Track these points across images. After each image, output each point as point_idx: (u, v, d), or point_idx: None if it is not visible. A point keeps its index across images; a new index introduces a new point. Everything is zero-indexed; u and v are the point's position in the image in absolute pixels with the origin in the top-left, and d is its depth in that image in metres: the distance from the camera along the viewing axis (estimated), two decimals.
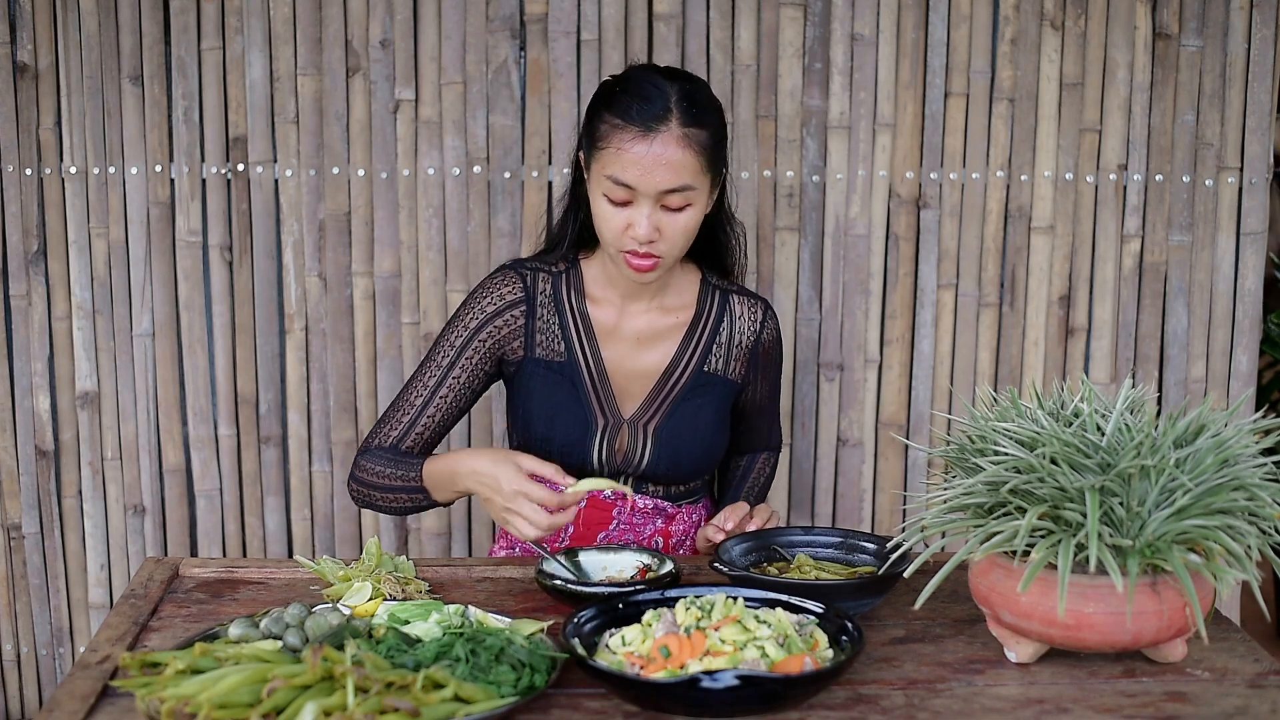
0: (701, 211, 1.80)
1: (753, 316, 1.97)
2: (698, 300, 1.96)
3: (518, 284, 1.91)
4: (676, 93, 1.75)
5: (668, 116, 1.73)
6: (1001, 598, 1.41)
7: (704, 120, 1.76)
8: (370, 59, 2.45)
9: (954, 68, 2.46)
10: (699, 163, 1.75)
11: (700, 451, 1.93)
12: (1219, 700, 1.36)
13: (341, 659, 1.29)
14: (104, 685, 1.36)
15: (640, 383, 1.93)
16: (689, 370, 1.93)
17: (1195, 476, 1.35)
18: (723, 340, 1.95)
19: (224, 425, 2.54)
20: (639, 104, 1.74)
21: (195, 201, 2.48)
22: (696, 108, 1.76)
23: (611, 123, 1.75)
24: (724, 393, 1.96)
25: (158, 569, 1.75)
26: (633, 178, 1.73)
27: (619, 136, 1.74)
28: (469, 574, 1.76)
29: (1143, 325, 2.53)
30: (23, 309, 2.50)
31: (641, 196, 1.75)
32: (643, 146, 1.73)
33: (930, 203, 2.50)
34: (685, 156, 1.73)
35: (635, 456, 1.91)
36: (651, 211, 1.75)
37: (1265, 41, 2.43)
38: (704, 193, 1.79)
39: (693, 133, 1.74)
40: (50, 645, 2.62)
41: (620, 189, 1.75)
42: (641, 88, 1.76)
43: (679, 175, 1.73)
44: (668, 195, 1.75)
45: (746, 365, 1.98)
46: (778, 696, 1.29)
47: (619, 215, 1.77)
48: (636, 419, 1.92)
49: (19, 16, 2.42)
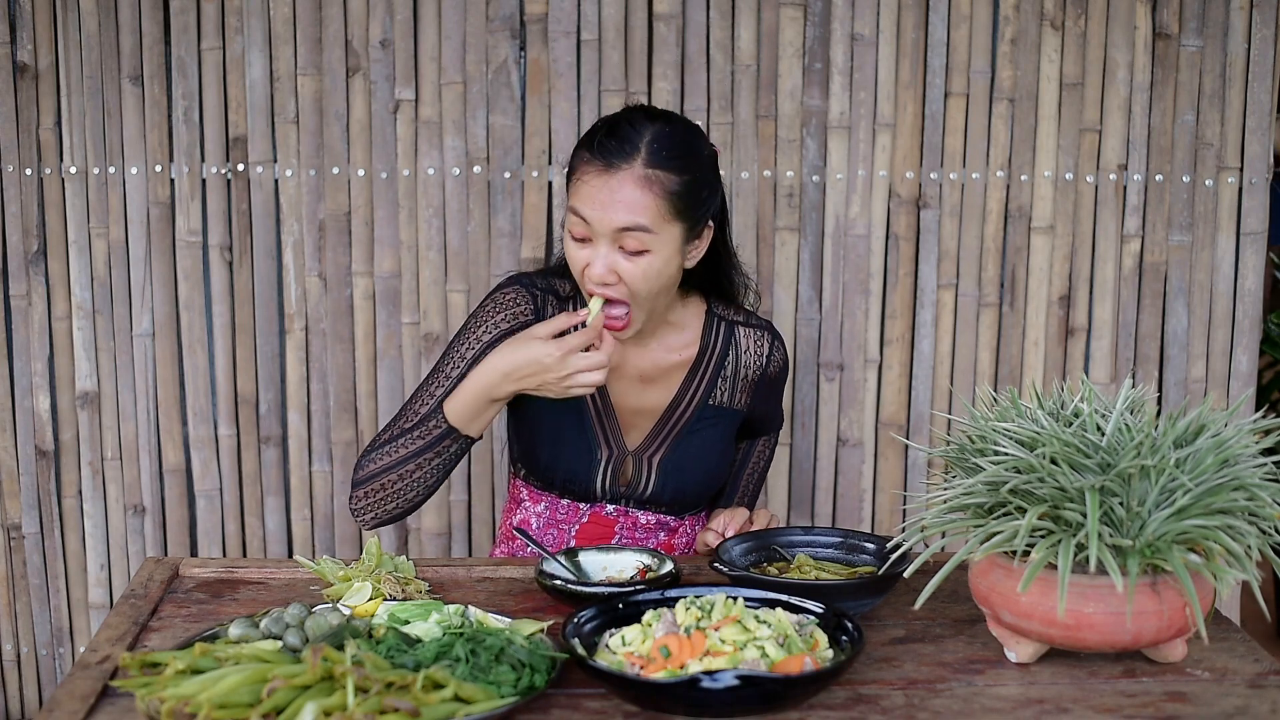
0: (665, 262, 1.72)
1: (759, 350, 1.93)
2: (702, 335, 1.91)
3: (529, 304, 1.85)
4: (651, 133, 1.70)
5: (634, 155, 1.68)
6: (1001, 598, 1.41)
7: (674, 164, 1.69)
8: (370, 59, 2.45)
9: (954, 68, 2.46)
10: (660, 206, 1.68)
11: (705, 479, 1.92)
12: (1219, 700, 1.36)
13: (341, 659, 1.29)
14: (104, 685, 1.36)
15: (645, 417, 1.91)
16: (694, 405, 1.91)
17: (1195, 476, 1.35)
18: (728, 374, 1.92)
19: (224, 425, 2.54)
20: (610, 140, 1.70)
21: (195, 201, 2.48)
22: (667, 150, 1.69)
23: (582, 156, 1.72)
24: (729, 422, 1.94)
25: (158, 569, 1.75)
26: (588, 212, 1.69)
27: (585, 170, 1.71)
28: (469, 574, 1.76)
29: (1143, 325, 2.53)
30: (23, 309, 2.50)
31: (598, 235, 1.69)
32: (601, 180, 1.68)
33: (930, 203, 2.50)
34: (643, 198, 1.67)
35: (639, 486, 1.90)
36: (608, 251, 1.70)
37: (1265, 41, 2.43)
38: (669, 241, 1.71)
39: (657, 175, 1.68)
40: (50, 645, 2.62)
41: (578, 223, 1.70)
42: (619, 125, 1.71)
43: (633, 214, 1.67)
44: (623, 235, 1.68)
45: (752, 395, 1.95)
46: (778, 696, 1.29)
47: (581, 253, 1.72)
48: (641, 451, 1.90)
49: (19, 16, 2.42)
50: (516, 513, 1.97)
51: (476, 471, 2.57)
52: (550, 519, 1.94)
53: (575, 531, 1.93)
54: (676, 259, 1.74)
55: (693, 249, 1.78)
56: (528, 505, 1.95)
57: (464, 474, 2.57)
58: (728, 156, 2.47)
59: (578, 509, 1.92)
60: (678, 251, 1.74)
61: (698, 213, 1.74)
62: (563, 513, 1.93)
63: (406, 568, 1.72)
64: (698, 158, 1.74)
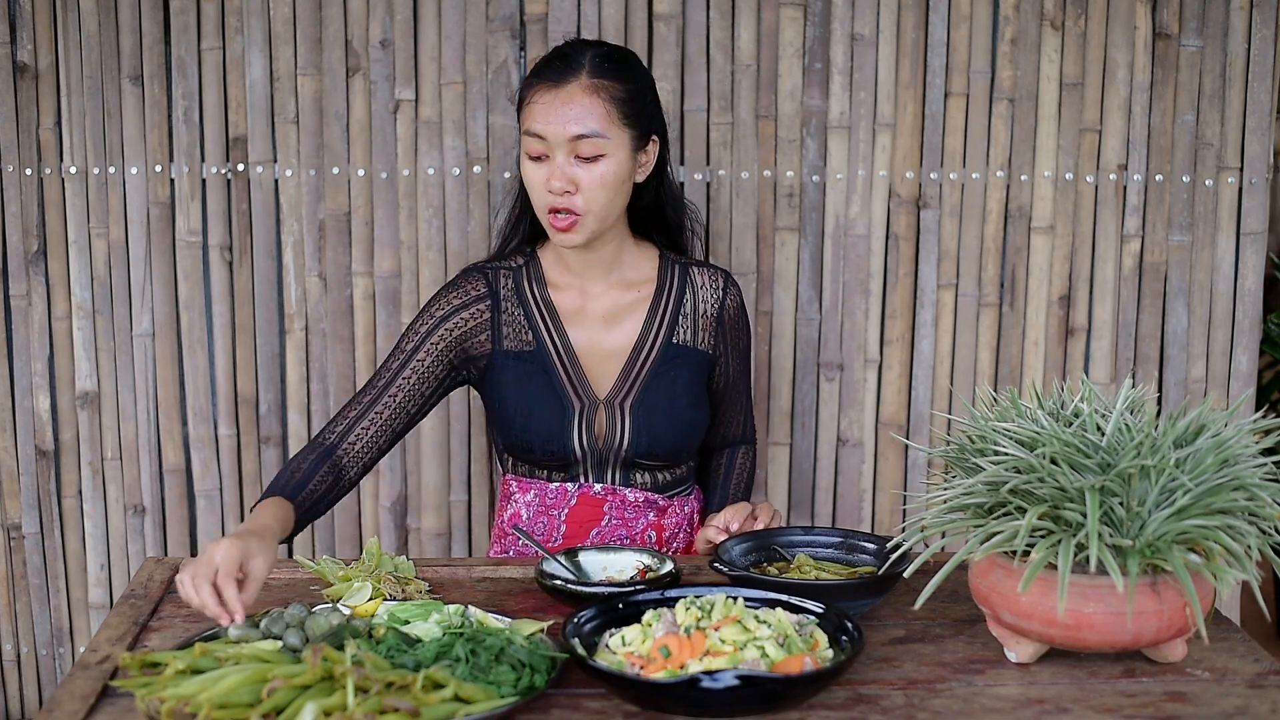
0: (620, 166, 1.83)
1: (714, 285, 2.00)
2: (658, 274, 1.99)
3: (480, 281, 1.96)
4: (592, 51, 1.84)
5: (578, 69, 1.82)
6: (1001, 598, 1.41)
7: (616, 74, 1.83)
8: (370, 59, 2.45)
9: (954, 68, 2.46)
10: (609, 111, 1.81)
11: (680, 428, 1.94)
12: (1219, 700, 1.36)
13: (341, 659, 1.29)
14: (104, 685, 1.36)
15: (611, 362, 1.95)
16: (657, 344, 1.96)
17: (1195, 476, 1.35)
18: (687, 311, 1.98)
19: (224, 425, 2.54)
20: (554, 61, 1.84)
21: (195, 201, 2.48)
22: (610, 63, 1.83)
23: (529, 84, 1.85)
24: (696, 364, 1.97)
25: (158, 569, 1.75)
26: (541, 126, 1.80)
27: (533, 93, 1.83)
28: (469, 574, 1.76)
29: (1143, 325, 2.53)
30: (23, 309, 2.50)
31: (554, 146, 1.81)
32: (550, 94, 1.81)
33: (930, 203, 2.50)
34: (593, 103, 1.80)
35: (615, 438, 1.92)
36: (565, 160, 1.81)
37: (1265, 41, 2.43)
38: (620, 146, 1.83)
39: (603, 84, 1.81)
40: (50, 645, 2.62)
41: (534, 141, 1.82)
42: (562, 50, 1.86)
43: (584, 123, 1.79)
44: (577, 142, 1.80)
45: (715, 336, 2.00)
46: (778, 696, 1.29)
47: (539, 171, 1.83)
48: (611, 399, 1.93)
49: (19, 16, 2.42)
50: (508, 508, 1.99)
51: (476, 471, 2.57)
52: (540, 506, 1.96)
53: (565, 516, 1.93)
54: (629, 165, 1.86)
55: (642, 159, 1.89)
56: (518, 498, 1.97)
57: (464, 474, 2.57)
58: (728, 156, 2.47)
59: (565, 491, 1.93)
60: (629, 158, 1.85)
61: (643, 121, 1.87)
62: (551, 497, 1.94)
63: (406, 568, 1.72)
64: (638, 70, 1.89)
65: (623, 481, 1.95)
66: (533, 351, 1.93)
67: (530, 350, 1.93)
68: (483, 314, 1.94)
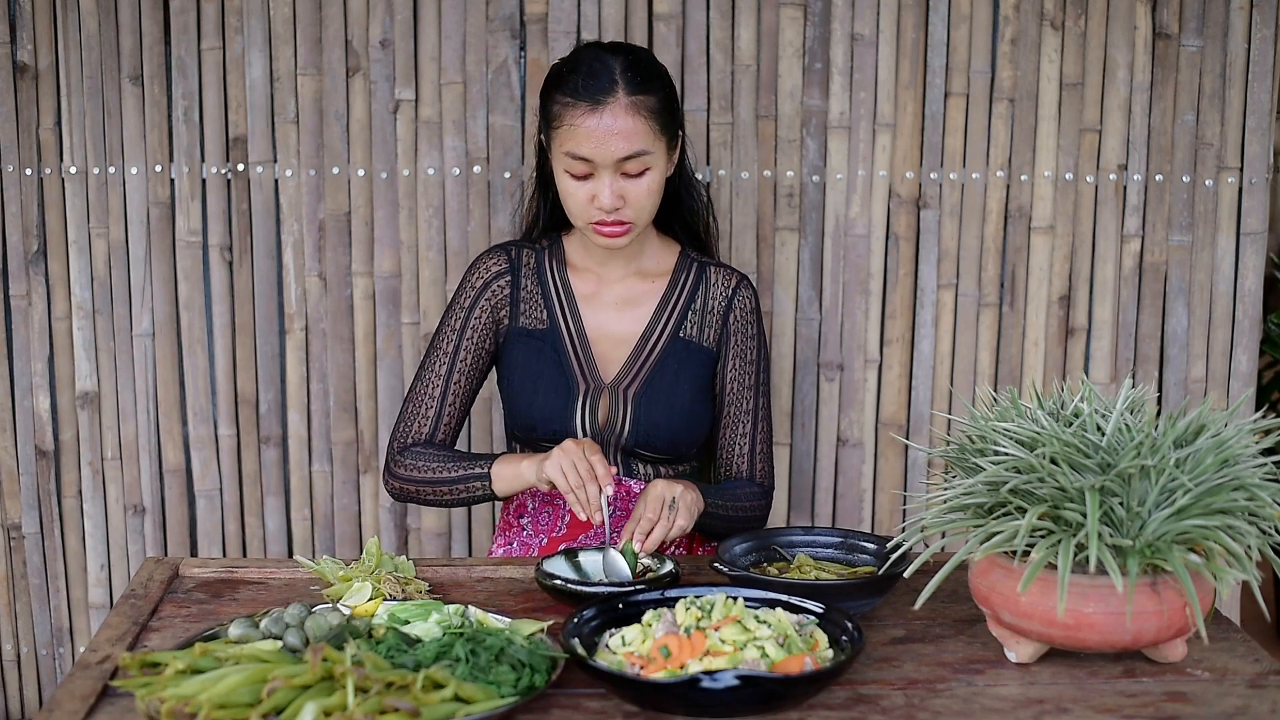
0: (662, 173, 1.88)
1: (726, 285, 2.03)
2: (675, 269, 2.03)
3: (503, 258, 2.01)
4: (620, 64, 1.83)
5: (614, 88, 1.81)
6: (1001, 598, 1.41)
7: (649, 86, 1.84)
8: (370, 59, 2.45)
9: (954, 68, 2.46)
10: (650, 127, 1.83)
11: (679, 419, 1.95)
12: (1219, 700, 1.36)
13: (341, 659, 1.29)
14: (104, 685, 1.36)
15: (620, 348, 1.98)
16: (665, 335, 1.98)
17: (1195, 476, 1.35)
18: (698, 307, 2.01)
19: (224, 425, 2.54)
20: (585, 80, 1.83)
21: (195, 201, 2.48)
22: (640, 75, 1.84)
23: (562, 102, 1.84)
24: (701, 361, 1.99)
25: (158, 569, 1.75)
26: (589, 150, 1.81)
27: (570, 114, 1.83)
28: (469, 574, 1.76)
29: (1143, 325, 2.53)
30: (23, 309, 2.50)
31: (600, 168, 1.83)
32: (594, 120, 1.81)
33: (930, 203, 2.50)
34: (635, 123, 1.82)
35: (616, 423, 1.94)
36: (612, 180, 1.83)
37: (1265, 41, 2.43)
38: (661, 155, 1.87)
39: (640, 99, 1.82)
40: (50, 645, 2.62)
41: (579, 163, 1.83)
42: (587, 64, 1.85)
43: (632, 142, 1.81)
44: (625, 163, 1.83)
45: (720, 332, 2.01)
46: (778, 696, 1.29)
47: (583, 189, 1.85)
48: (616, 384, 1.96)
49: (19, 16, 2.42)
50: (513, 499, 2.01)
51: None
52: (544, 496, 1.98)
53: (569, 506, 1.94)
54: (667, 167, 1.91)
55: (674, 157, 1.94)
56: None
57: None
58: (728, 156, 2.47)
59: None
60: (667, 161, 1.90)
61: (675, 123, 1.91)
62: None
63: (406, 568, 1.72)
64: (661, 72, 1.90)
65: (625, 471, 1.98)
66: (545, 330, 1.98)
67: (543, 329, 1.98)
68: (503, 289, 1.99)
